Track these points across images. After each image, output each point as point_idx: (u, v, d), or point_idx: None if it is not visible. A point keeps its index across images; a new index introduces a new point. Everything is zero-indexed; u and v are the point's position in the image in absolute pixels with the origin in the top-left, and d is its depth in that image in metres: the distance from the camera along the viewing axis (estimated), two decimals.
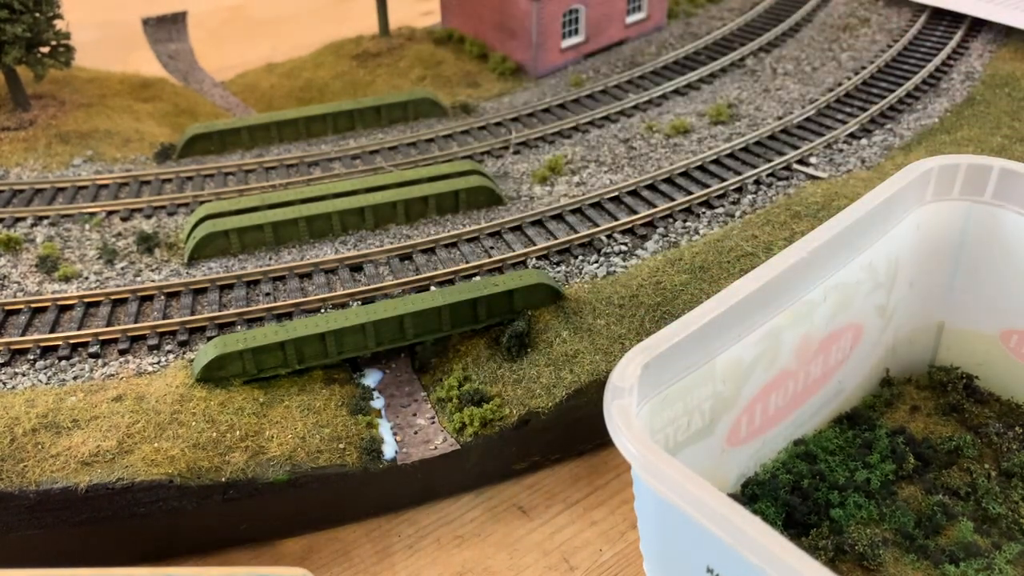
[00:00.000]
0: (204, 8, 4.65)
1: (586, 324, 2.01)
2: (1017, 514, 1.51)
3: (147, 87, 3.52)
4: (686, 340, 1.15)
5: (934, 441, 1.65)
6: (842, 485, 1.55)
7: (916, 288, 1.67)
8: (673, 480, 0.87)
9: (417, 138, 2.97)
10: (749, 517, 0.84)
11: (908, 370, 1.81)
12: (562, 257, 2.29)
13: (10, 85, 3.01)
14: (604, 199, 2.53)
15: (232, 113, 3.56)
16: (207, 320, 2.06)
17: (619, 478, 1.93)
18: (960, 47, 3.34)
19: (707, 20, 3.89)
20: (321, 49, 3.86)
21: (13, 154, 2.84)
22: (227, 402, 1.83)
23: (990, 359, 1.73)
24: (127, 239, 2.44)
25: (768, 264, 1.29)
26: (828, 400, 1.64)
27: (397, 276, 2.23)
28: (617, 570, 1.73)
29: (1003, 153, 2.59)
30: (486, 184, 2.54)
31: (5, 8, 2.78)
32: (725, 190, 2.52)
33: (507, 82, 3.45)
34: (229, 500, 1.71)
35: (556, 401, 1.86)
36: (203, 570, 1.29)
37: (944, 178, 1.54)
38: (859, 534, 1.47)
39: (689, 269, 2.14)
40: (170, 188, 2.73)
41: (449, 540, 1.81)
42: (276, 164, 2.85)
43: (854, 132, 2.82)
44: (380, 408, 1.95)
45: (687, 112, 3.06)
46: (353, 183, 2.54)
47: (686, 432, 1.30)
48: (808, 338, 1.44)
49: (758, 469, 1.59)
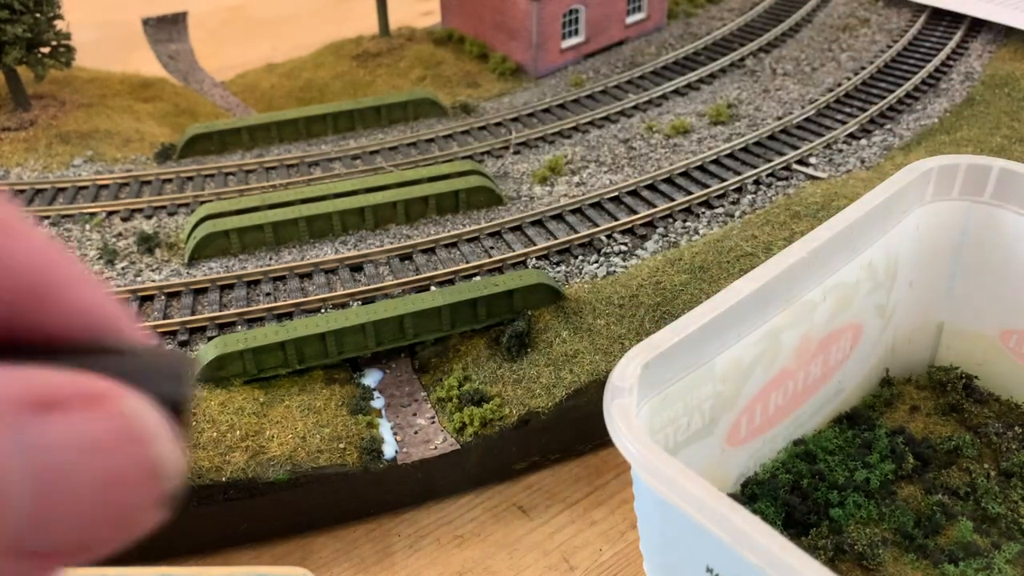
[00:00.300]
0: (204, 8, 4.65)
1: (586, 324, 2.02)
2: (1016, 514, 1.51)
3: (147, 87, 3.52)
4: (686, 340, 1.15)
5: (934, 441, 1.65)
6: (842, 485, 1.55)
7: (916, 288, 1.67)
8: (673, 480, 0.87)
9: (417, 138, 2.98)
10: (749, 517, 0.84)
11: (908, 370, 1.82)
12: (562, 257, 2.29)
13: (10, 85, 3.01)
14: (604, 199, 2.53)
15: (232, 113, 3.56)
16: (207, 320, 2.06)
17: (619, 478, 1.93)
18: (960, 47, 3.34)
19: (707, 20, 3.89)
20: (321, 49, 3.86)
21: (14, 154, 2.84)
22: (227, 402, 1.83)
23: (990, 359, 1.73)
24: (127, 239, 2.44)
25: (768, 264, 1.29)
26: (828, 400, 1.65)
27: (397, 276, 2.23)
28: (617, 570, 1.73)
29: (1003, 153, 2.59)
30: (486, 184, 2.54)
31: (5, 8, 2.78)
32: (725, 190, 2.52)
33: (507, 82, 3.45)
34: (229, 500, 1.71)
35: (556, 401, 1.86)
36: (203, 570, 1.29)
37: (944, 178, 1.54)
38: (859, 534, 1.47)
39: (689, 269, 2.15)
40: (170, 188, 2.73)
41: (449, 540, 1.81)
42: (276, 164, 2.85)
43: (854, 132, 2.82)
44: (380, 408, 1.95)
45: (687, 112, 3.06)
46: (353, 183, 2.54)
47: (686, 432, 1.30)
48: (808, 338, 1.45)
49: (758, 469, 1.59)
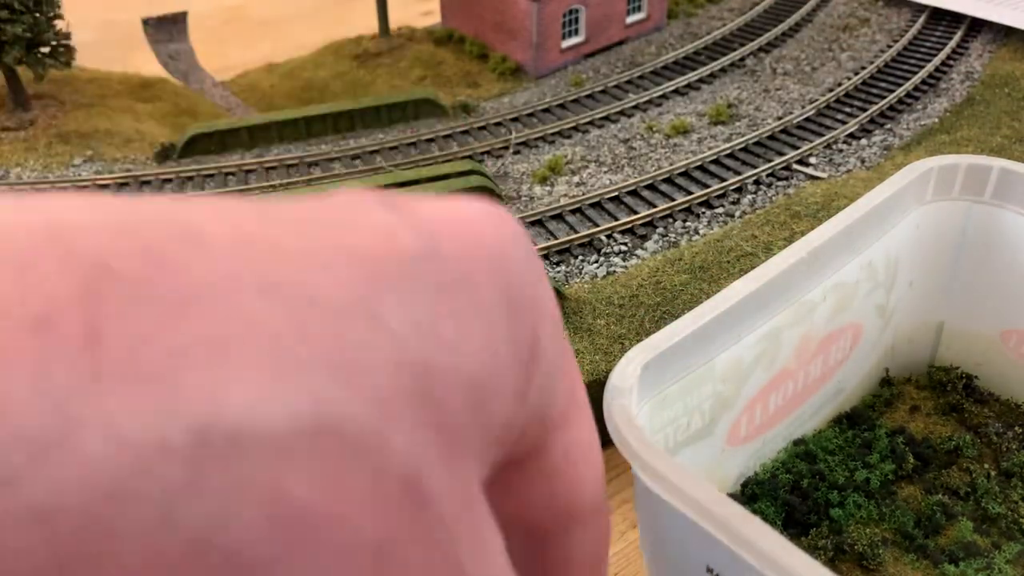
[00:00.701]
0: (204, 8, 4.65)
1: (586, 324, 2.01)
2: (1017, 514, 1.51)
3: (147, 87, 3.52)
4: (686, 340, 1.15)
5: (934, 441, 1.65)
6: (842, 485, 1.55)
7: (916, 288, 1.67)
8: (673, 480, 0.87)
9: (417, 138, 2.98)
10: (749, 517, 0.84)
11: (908, 370, 1.81)
12: (562, 257, 2.29)
13: (10, 85, 3.01)
14: (604, 199, 2.53)
15: (232, 113, 3.56)
16: None
17: (619, 478, 1.93)
18: (960, 47, 3.34)
19: (707, 20, 3.89)
20: (321, 49, 3.86)
21: (13, 154, 2.84)
22: None
23: (990, 359, 1.72)
24: None
25: (768, 264, 1.29)
26: (828, 400, 1.64)
27: None
28: (617, 570, 1.73)
29: (1003, 153, 2.59)
30: (486, 184, 2.54)
31: (5, 8, 2.78)
32: (725, 190, 2.52)
33: (507, 82, 3.45)
34: None
35: None
36: None
37: (944, 178, 1.54)
38: (859, 534, 1.47)
39: (689, 269, 2.15)
40: (170, 188, 2.73)
41: None
42: (276, 164, 2.85)
43: (854, 132, 2.82)
44: None
45: (687, 112, 3.06)
46: (353, 183, 2.54)
47: (686, 432, 1.30)
48: (808, 338, 1.44)
49: (758, 469, 1.59)
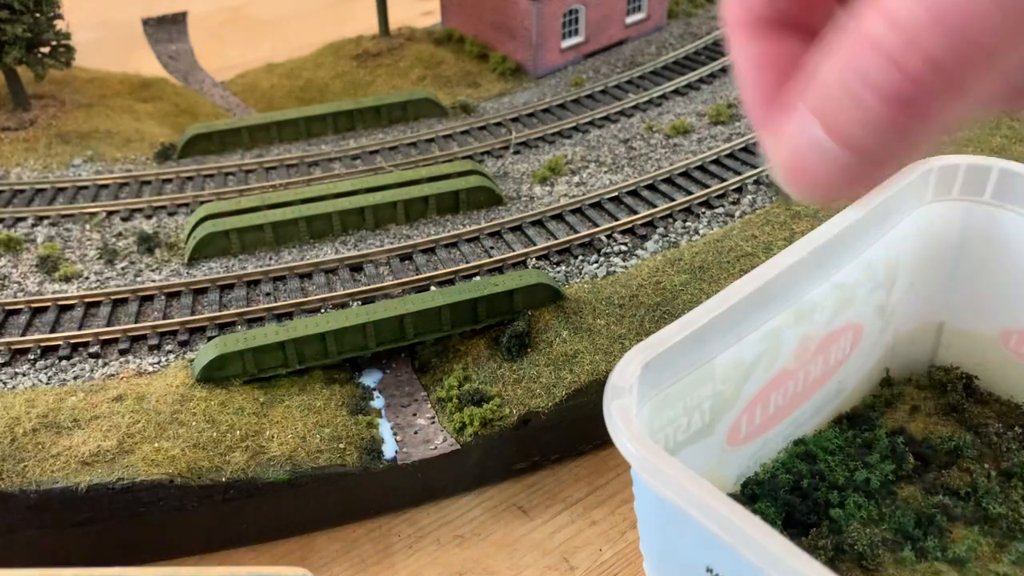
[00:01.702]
0: (204, 8, 4.65)
1: (586, 324, 2.01)
2: (1017, 514, 1.51)
3: (147, 87, 3.52)
4: (686, 340, 1.15)
5: (934, 441, 1.65)
6: (842, 485, 1.55)
7: (916, 288, 1.67)
8: (673, 480, 0.87)
9: (417, 138, 2.98)
10: (749, 517, 0.84)
11: (908, 370, 1.81)
12: (562, 257, 2.29)
13: (10, 85, 3.01)
14: (604, 199, 2.53)
15: (232, 113, 3.56)
16: (207, 320, 2.06)
17: (619, 478, 1.93)
18: None
19: (707, 20, 3.89)
20: (321, 49, 3.86)
21: (13, 154, 2.84)
22: (227, 402, 1.83)
23: (990, 359, 1.72)
24: (127, 239, 2.44)
25: (768, 264, 1.29)
26: (828, 400, 1.64)
27: (397, 276, 2.23)
28: (617, 570, 1.73)
29: (1003, 153, 2.59)
30: (486, 184, 2.54)
31: (5, 8, 2.78)
32: (725, 190, 2.52)
33: (507, 82, 3.45)
34: (229, 500, 1.71)
35: (556, 401, 1.86)
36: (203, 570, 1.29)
37: (943, 178, 1.54)
38: (859, 534, 1.47)
39: (689, 269, 2.14)
40: (170, 188, 2.73)
41: (449, 540, 1.81)
42: (276, 164, 2.85)
43: None
44: (380, 408, 1.95)
45: (687, 112, 3.06)
46: (353, 183, 2.54)
47: (686, 432, 1.30)
48: (808, 338, 1.44)
49: (758, 469, 1.59)
